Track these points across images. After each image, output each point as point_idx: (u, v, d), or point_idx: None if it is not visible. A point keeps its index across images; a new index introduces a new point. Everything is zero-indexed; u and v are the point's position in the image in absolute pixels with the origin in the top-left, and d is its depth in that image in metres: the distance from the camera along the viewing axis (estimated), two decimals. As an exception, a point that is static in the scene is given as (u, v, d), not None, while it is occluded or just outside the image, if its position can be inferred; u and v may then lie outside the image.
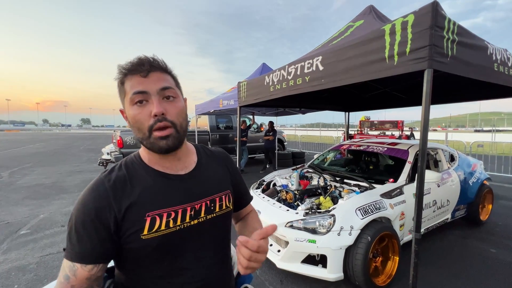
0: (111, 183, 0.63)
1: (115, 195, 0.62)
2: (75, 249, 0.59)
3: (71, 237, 0.60)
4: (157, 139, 0.63)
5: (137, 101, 0.62)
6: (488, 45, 2.01)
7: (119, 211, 0.61)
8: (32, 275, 2.42)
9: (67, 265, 0.58)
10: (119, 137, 6.09)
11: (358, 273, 2.02)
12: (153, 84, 0.63)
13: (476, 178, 3.56)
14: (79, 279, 0.58)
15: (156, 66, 0.64)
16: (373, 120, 17.29)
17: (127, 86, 0.63)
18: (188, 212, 0.67)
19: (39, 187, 5.64)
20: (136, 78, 0.62)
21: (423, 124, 1.63)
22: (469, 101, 4.00)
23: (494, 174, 7.17)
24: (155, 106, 0.61)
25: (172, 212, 0.65)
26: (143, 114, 0.62)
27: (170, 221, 0.64)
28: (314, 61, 2.40)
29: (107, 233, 0.60)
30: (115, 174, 0.66)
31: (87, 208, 0.60)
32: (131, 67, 0.63)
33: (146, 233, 0.61)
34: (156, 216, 0.63)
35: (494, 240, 3.18)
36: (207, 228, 0.71)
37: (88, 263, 0.58)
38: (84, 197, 0.62)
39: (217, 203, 0.74)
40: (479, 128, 53.74)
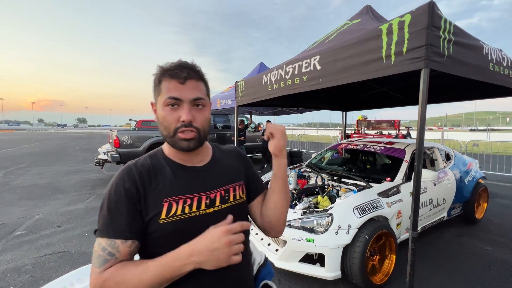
0: (138, 169, 0.71)
1: (141, 181, 0.69)
2: (112, 227, 0.64)
3: (107, 216, 0.65)
4: (180, 140, 0.70)
5: (170, 104, 0.69)
6: (483, 45, 2.02)
7: (144, 195, 0.68)
8: (28, 276, 2.40)
9: (107, 244, 0.62)
10: (116, 137, 6.05)
11: (356, 271, 2.03)
12: (188, 93, 0.69)
13: (471, 177, 3.60)
14: (123, 254, 0.63)
15: (193, 75, 0.70)
16: (370, 120, 17.38)
17: (163, 87, 0.69)
18: (203, 201, 0.72)
19: (35, 188, 5.59)
20: (174, 82, 0.68)
21: (419, 123, 1.64)
22: (465, 101, 4.03)
23: (489, 173, 7.26)
24: (185, 113, 0.68)
25: (188, 199, 0.70)
26: (173, 117, 0.69)
27: (186, 207, 0.69)
28: (312, 60, 2.40)
29: (137, 211, 0.66)
30: (141, 162, 0.74)
31: (118, 189, 0.67)
32: (171, 70, 0.68)
33: (163, 217, 0.66)
34: (172, 201, 0.68)
35: (489, 238, 3.22)
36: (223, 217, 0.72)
37: (127, 239, 0.64)
38: (115, 180, 0.69)
39: (231, 193, 0.78)
40: (475, 127, 54.31)
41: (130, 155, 6.22)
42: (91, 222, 3.67)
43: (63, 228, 3.46)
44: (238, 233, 0.62)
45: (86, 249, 2.91)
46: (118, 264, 0.62)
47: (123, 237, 0.63)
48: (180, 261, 0.60)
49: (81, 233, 3.31)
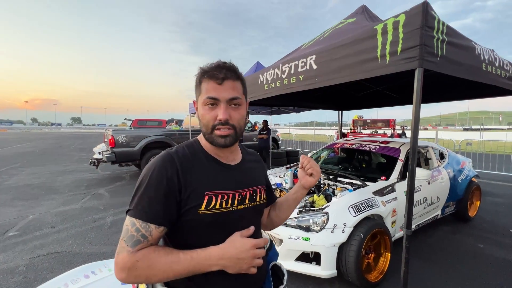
0: (180, 158, 0.74)
1: (182, 169, 0.72)
2: (149, 211, 0.67)
3: (145, 200, 0.67)
4: (216, 137, 0.74)
5: (209, 104, 0.74)
6: (475, 45, 2.05)
7: (184, 184, 0.71)
8: (21, 277, 2.36)
9: (141, 226, 0.65)
10: (111, 136, 5.99)
11: (351, 269, 2.05)
12: (225, 93, 0.73)
13: (465, 176, 3.65)
14: (155, 238, 0.67)
15: (231, 75, 0.74)
16: (366, 119, 17.49)
17: (203, 87, 0.75)
18: (236, 198, 0.77)
19: (28, 188, 5.51)
20: (212, 83, 0.73)
21: (413, 123, 1.66)
22: (458, 100, 4.09)
23: (482, 172, 7.37)
24: (222, 113, 0.73)
25: (225, 195, 0.75)
26: (211, 115, 0.74)
27: (223, 202, 0.74)
28: (308, 60, 2.41)
29: (174, 200, 0.69)
30: (182, 152, 0.77)
31: (160, 176, 0.69)
32: (210, 71, 0.74)
33: (203, 208, 0.71)
34: (213, 195, 0.73)
35: (482, 235, 3.28)
36: (249, 214, 0.82)
37: (161, 225, 0.67)
38: (157, 166, 0.71)
39: (258, 193, 0.85)
40: (468, 126, 55.06)
41: (126, 155, 6.17)
42: (86, 222, 3.63)
43: (57, 229, 3.42)
44: (261, 248, 0.70)
45: (80, 249, 2.88)
46: (150, 247, 0.66)
47: (157, 223, 0.67)
48: (210, 261, 0.66)
49: (75, 234, 3.28)
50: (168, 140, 6.82)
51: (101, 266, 1.41)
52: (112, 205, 4.40)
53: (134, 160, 6.32)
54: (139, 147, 6.33)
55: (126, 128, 9.09)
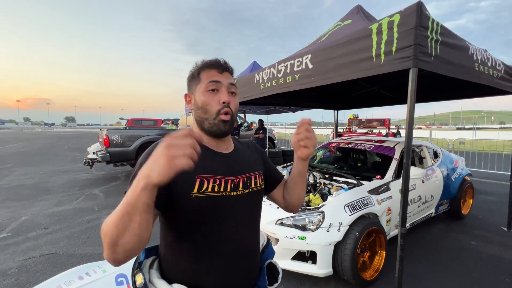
0: None
1: None
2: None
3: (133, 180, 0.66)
4: (220, 122, 0.78)
5: (210, 89, 0.78)
6: (469, 45, 2.08)
7: None
8: (13, 280, 2.32)
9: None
10: (106, 136, 5.92)
11: (347, 268, 2.06)
12: (225, 79, 0.81)
13: (458, 174, 3.71)
14: None
15: (228, 69, 0.83)
16: (361, 118, 17.64)
17: (203, 76, 0.80)
18: (229, 184, 0.78)
19: (21, 188, 5.42)
20: (213, 71, 0.80)
21: (408, 122, 1.68)
22: (452, 100, 4.14)
23: (475, 170, 7.49)
24: (225, 95, 0.78)
25: (217, 179, 0.77)
26: (214, 100, 0.78)
27: (216, 186, 0.76)
28: (304, 59, 2.41)
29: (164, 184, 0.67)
30: None
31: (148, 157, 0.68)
32: (211, 63, 0.81)
33: (195, 191, 0.72)
34: (204, 179, 0.75)
35: (474, 233, 3.33)
36: (244, 201, 0.82)
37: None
38: (149, 150, 0.73)
39: (252, 180, 0.86)
40: (461, 126, 55.88)
41: (121, 155, 6.11)
42: (80, 223, 3.59)
43: (51, 230, 3.37)
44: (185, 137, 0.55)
45: (75, 250, 2.85)
46: None
47: None
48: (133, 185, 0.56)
49: (69, 235, 3.24)
50: (164, 139, 6.77)
51: (95, 267, 1.39)
52: (107, 206, 4.35)
53: (129, 160, 6.26)
54: (134, 146, 6.27)
55: (121, 128, 9.01)
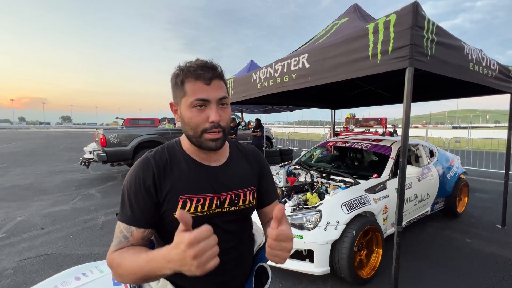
0: (157, 162, 0.74)
1: (159, 174, 0.73)
2: (129, 213, 0.70)
3: (125, 204, 0.71)
4: (207, 140, 0.72)
5: (197, 105, 0.70)
6: (464, 45, 2.10)
7: (160, 188, 0.72)
8: (9, 280, 2.30)
9: (124, 227, 0.70)
10: (102, 135, 5.88)
11: (344, 266, 2.07)
12: (214, 93, 0.71)
13: (453, 173, 3.75)
14: (136, 239, 0.70)
15: (216, 75, 0.72)
16: (358, 118, 17.70)
17: (188, 88, 0.70)
18: (214, 201, 0.75)
19: (16, 189, 5.36)
20: (199, 84, 0.69)
21: (404, 121, 1.69)
22: (448, 99, 4.18)
23: (470, 168, 7.57)
24: (214, 114, 0.70)
25: (201, 199, 0.74)
26: (201, 118, 0.70)
27: (199, 206, 0.73)
28: (300, 58, 2.42)
29: (152, 203, 0.71)
30: (159, 156, 0.77)
31: (137, 180, 0.71)
32: (195, 71, 0.69)
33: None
34: (187, 199, 0.73)
35: (469, 230, 3.37)
36: (229, 219, 0.79)
37: (141, 227, 0.70)
38: (134, 171, 0.73)
39: (241, 197, 0.81)
40: (457, 125, 56.44)
41: (117, 154, 6.07)
42: (76, 223, 3.57)
43: (47, 230, 3.35)
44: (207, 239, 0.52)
45: (71, 251, 2.83)
46: (127, 247, 0.68)
47: (137, 225, 0.70)
48: (159, 264, 0.57)
49: (66, 235, 3.21)
50: (161, 139, 6.73)
51: (92, 268, 1.38)
52: (103, 206, 4.33)
53: (126, 159, 6.23)
54: (131, 146, 6.23)
55: (118, 127, 8.95)
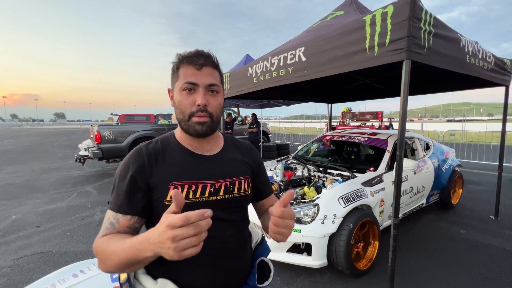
0: (148, 151, 0.76)
1: (150, 162, 0.74)
2: (117, 201, 0.71)
3: (114, 192, 0.73)
4: (194, 123, 0.74)
5: (186, 89, 0.73)
6: (461, 37, 2.09)
7: (151, 176, 0.73)
8: (5, 279, 2.28)
9: (111, 215, 0.71)
10: (97, 132, 5.81)
11: (341, 259, 2.10)
12: (204, 78, 0.74)
13: (448, 165, 3.79)
14: (122, 226, 0.70)
15: (209, 62, 0.75)
16: (355, 111, 17.76)
17: (181, 73, 0.74)
18: (207, 188, 0.76)
19: (10, 187, 5.29)
20: (191, 68, 0.73)
21: (401, 113, 1.69)
22: (443, 92, 4.20)
23: (464, 161, 7.67)
24: (200, 98, 0.73)
25: (193, 185, 0.74)
26: (189, 101, 0.73)
27: (190, 192, 0.73)
28: (297, 52, 2.39)
29: (141, 191, 0.72)
30: (153, 145, 0.79)
31: (127, 167, 0.73)
32: (188, 57, 0.74)
33: (168, 199, 0.71)
34: (178, 186, 0.73)
35: (463, 222, 3.43)
36: (226, 206, 0.79)
37: (126, 214, 0.71)
38: (126, 159, 0.75)
39: (236, 185, 0.82)
40: (451, 118, 57.01)
41: (113, 151, 6.01)
42: (73, 221, 3.54)
43: (43, 228, 3.32)
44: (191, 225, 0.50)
45: (67, 249, 2.81)
46: (112, 234, 0.68)
47: (123, 212, 0.70)
48: (142, 246, 0.56)
49: (62, 233, 3.19)
50: (157, 135, 6.63)
51: (90, 265, 1.37)
52: (100, 203, 4.30)
53: (121, 156, 6.16)
54: (126, 142, 6.17)
55: (113, 124, 8.84)
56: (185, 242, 0.50)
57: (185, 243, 0.50)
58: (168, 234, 0.49)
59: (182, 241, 0.49)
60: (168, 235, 0.49)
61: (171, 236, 0.49)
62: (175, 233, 0.49)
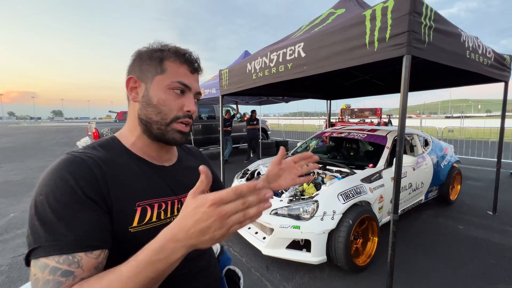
0: (94, 161, 0.55)
1: (103, 175, 0.53)
2: (68, 236, 0.46)
3: (57, 225, 0.46)
4: (174, 131, 0.63)
5: (176, 89, 0.62)
6: (461, 32, 2.08)
7: (108, 195, 0.53)
8: (3, 277, 2.28)
9: (59, 262, 0.44)
10: (95, 129, 5.79)
11: (340, 255, 2.10)
12: (195, 84, 0.66)
13: (447, 161, 3.80)
14: (88, 269, 0.46)
15: (200, 69, 0.68)
16: (353, 108, 17.76)
17: (170, 68, 0.62)
18: (176, 205, 0.64)
19: (8, 185, 5.26)
20: (185, 68, 0.64)
21: (401, 109, 1.67)
22: (442, 88, 4.19)
23: (463, 157, 7.70)
24: (192, 104, 0.64)
25: (162, 204, 0.61)
26: (176, 103, 0.63)
27: (162, 212, 0.60)
28: (296, 47, 2.37)
29: (102, 211, 0.51)
30: (96, 154, 0.57)
31: (68, 186, 0.49)
32: (183, 54, 0.64)
33: (135, 224, 0.55)
34: (147, 206, 0.58)
35: (461, 217, 3.45)
36: None
37: (93, 249, 0.48)
38: (59, 176, 0.49)
39: None
40: (450, 114, 57.12)
41: (111, 148, 5.99)
42: (71, 219, 3.53)
43: (41, 226, 3.31)
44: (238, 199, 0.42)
45: (67, 246, 2.80)
46: (76, 285, 0.44)
47: (87, 248, 0.47)
48: (165, 252, 0.42)
49: (61, 230, 3.18)
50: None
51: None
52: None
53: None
54: (125, 140, 6.15)
55: (111, 121, 8.79)
56: (235, 218, 0.41)
57: (235, 219, 0.41)
58: (217, 213, 0.40)
59: (232, 217, 0.41)
60: (216, 214, 0.40)
61: (222, 214, 0.41)
62: (226, 209, 0.41)
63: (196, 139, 7.49)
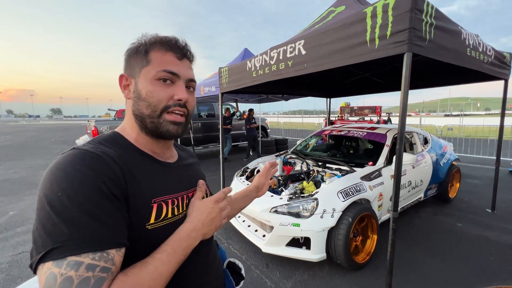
0: (108, 156, 0.52)
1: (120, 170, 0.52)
2: (103, 233, 0.45)
3: (88, 223, 0.44)
4: (167, 122, 0.61)
5: (163, 78, 0.59)
6: (462, 30, 2.07)
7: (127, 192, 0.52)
8: (4, 275, 2.28)
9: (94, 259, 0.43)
10: (94, 127, 5.77)
11: (340, 252, 2.11)
12: (185, 70, 0.63)
13: (446, 159, 3.80)
14: (118, 267, 0.47)
15: (189, 54, 0.65)
16: (353, 106, 17.73)
17: (154, 58, 0.59)
18: (184, 201, 0.65)
19: (7, 183, 5.25)
20: (170, 56, 0.61)
21: (401, 107, 1.67)
22: (442, 86, 4.19)
23: (462, 155, 7.72)
24: (182, 92, 0.61)
25: (175, 200, 0.62)
26: (164, 93, 0.59)
27: (175, 208, 0.62)
28: (297, 45, 2.36)
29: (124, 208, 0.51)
30: (108, 150, 0.55)
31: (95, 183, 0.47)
32: (167, 42, 0.61)
33: (152, 221, 0.55)
34: (162, 202, 0.59)
35: (460, 215, 3.46)
36: None
37: (122, 246, 0.48)
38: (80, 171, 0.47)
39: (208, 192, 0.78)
40: (449, 112, 57.19)
41: (111, 146, 5.98)
42: (71, 217, 3.52)
43: (41, 224, 3.30)
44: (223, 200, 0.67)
45: (67, 244, 2.80)
46: (118, 277, 0.46)
47: (119, 244, 0.47)
48: (190, 239, 0.58)
49: (61, 228, 3.18)
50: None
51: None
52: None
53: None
54: (124, 138, 6.14)
55: (110, 119, 8.77)
56: (226, 211, 0.67)
57: (226, 211, 0.68)
58: (219, 206, 0.65)
59: (224, 211, 0.67)
60: (219, 207, 0.65)
61: (221, 208, 0.65)
62: (221, 205, 0.66)
63: (195, 137, 7.48)
